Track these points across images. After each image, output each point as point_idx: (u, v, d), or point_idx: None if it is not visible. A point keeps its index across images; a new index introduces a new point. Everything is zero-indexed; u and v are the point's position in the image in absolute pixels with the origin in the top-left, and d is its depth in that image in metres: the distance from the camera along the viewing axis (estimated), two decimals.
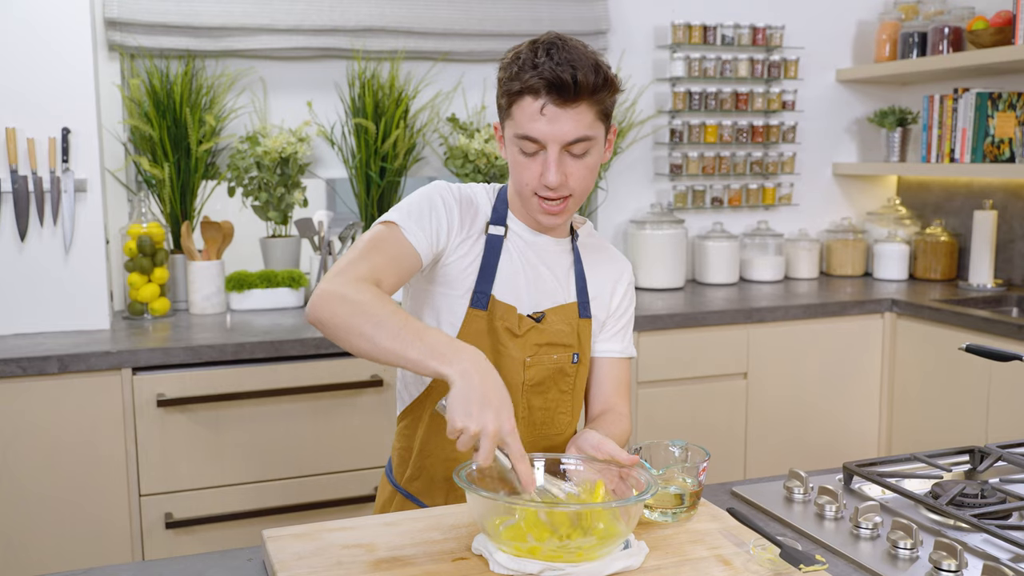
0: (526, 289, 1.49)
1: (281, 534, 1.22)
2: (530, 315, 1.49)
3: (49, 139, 2.51)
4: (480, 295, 1.46)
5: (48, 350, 2.32)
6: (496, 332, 1.46)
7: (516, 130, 1.39)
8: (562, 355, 1.51)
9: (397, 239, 1.40)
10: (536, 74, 1.34)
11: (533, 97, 1.36)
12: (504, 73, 1.40)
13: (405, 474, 1.56)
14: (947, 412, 2.88)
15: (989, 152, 3.23)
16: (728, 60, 3.45)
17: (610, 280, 1.59)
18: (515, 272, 1.49)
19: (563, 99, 1.35)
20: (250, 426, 2.45)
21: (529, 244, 1.51)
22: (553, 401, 1.53)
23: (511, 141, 1.42)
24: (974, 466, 1.52)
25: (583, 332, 1.54)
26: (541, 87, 1.34)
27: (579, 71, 1.34)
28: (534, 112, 1.36)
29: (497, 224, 1.50)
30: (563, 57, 1.34)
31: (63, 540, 2.34)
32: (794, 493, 1.40)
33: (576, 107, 1.36)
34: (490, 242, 1.48)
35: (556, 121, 1.36)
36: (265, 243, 3.01)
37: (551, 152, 1.38)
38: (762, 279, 3.50)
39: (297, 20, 2.94)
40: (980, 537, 1.25)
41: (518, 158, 1.42)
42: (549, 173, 1.38)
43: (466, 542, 1.20)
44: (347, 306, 1.27)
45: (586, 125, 1.38)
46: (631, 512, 1.12)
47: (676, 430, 2.88)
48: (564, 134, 1.37)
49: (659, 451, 1.37)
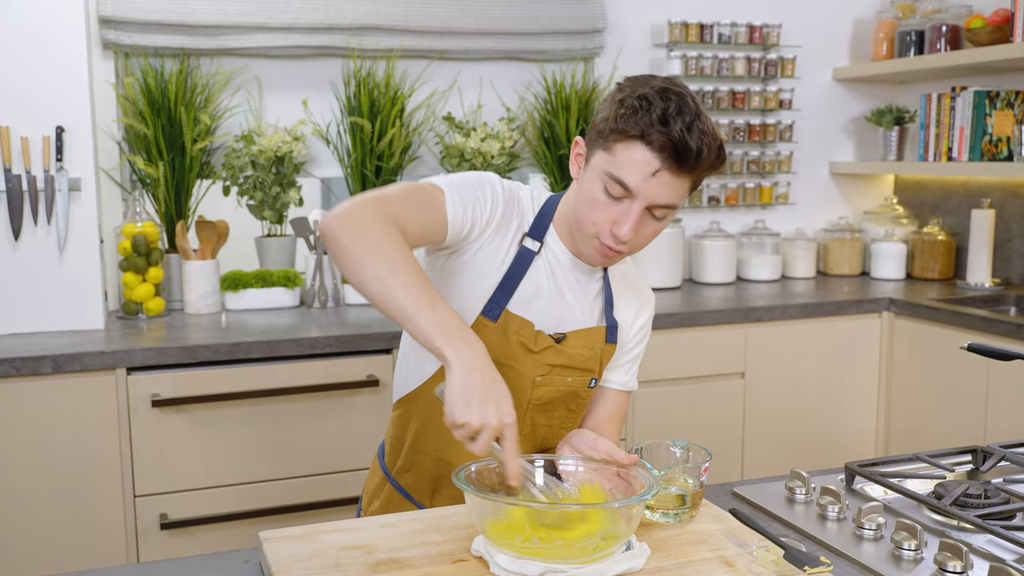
0: (549, 308, 1.44)
1: (278, 536, 1.20)
2: (551, 334, 1.43)
3: (43, 138, 2.49)
4: (494, 305, 1.40)
5: (42, 350, 2.30)
6: (509, 346, 1.40)
7: (612, 170, 1.31)
8: (578, 379, 1.46)
9: (436, 201, 1.34)
10: (665, 132, 1.27)
11: (649, 150, 1.28)
12: (623, 109, 1.30)
13: (396, 464, 1.54)
14: (945, 411, 2.88)
15: (987, 151, 3.23)
16: (725, 59, 3.44)
17: (632, 310, 1.54)
18: (538, 290, 1.43)
19: (679, 169, 1.29)
20: (246, 426, 2.43)
21: (562, 265, 1.45)
22: (559, 419, 1.50)
23: (597, 174, 1.33)
24: (977, 466, 1.51)
25: (605, 358, 1.49)
26: (663, 148, 1.27)
27: (705, 148, 1.29)
28: (644, 166, 1.29)
29: (534, 238, 1.43)
30: (696, 127, 1.28)
31: (57, 541, 2.32)
32: (796, 494, 1.39)
33: (684, 179, 1.31)
34: (521, 255, 1.42)
35: (661, 185, 1.30)
36: (260, 242, 2.99)
37: (636, 207, 1.32)
38: (759, 278, 3.49)
39: (292, 18, 2.92)
40: (984, 538, 1.24)
41: (597, 195, 1.34)
42: (625, 227, 1.32)
43: (466, 544, 1.18)
44: (371, 239, 1.21)
45: (681, 195, 1.34)
46: (632, 513, 1.11)
47: (673, 430, 2.87)
48: (660, 198, 1.31)
49: (660, 451, 1.35)
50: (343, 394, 2.50)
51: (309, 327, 2.60)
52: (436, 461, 1.49)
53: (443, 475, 1.50)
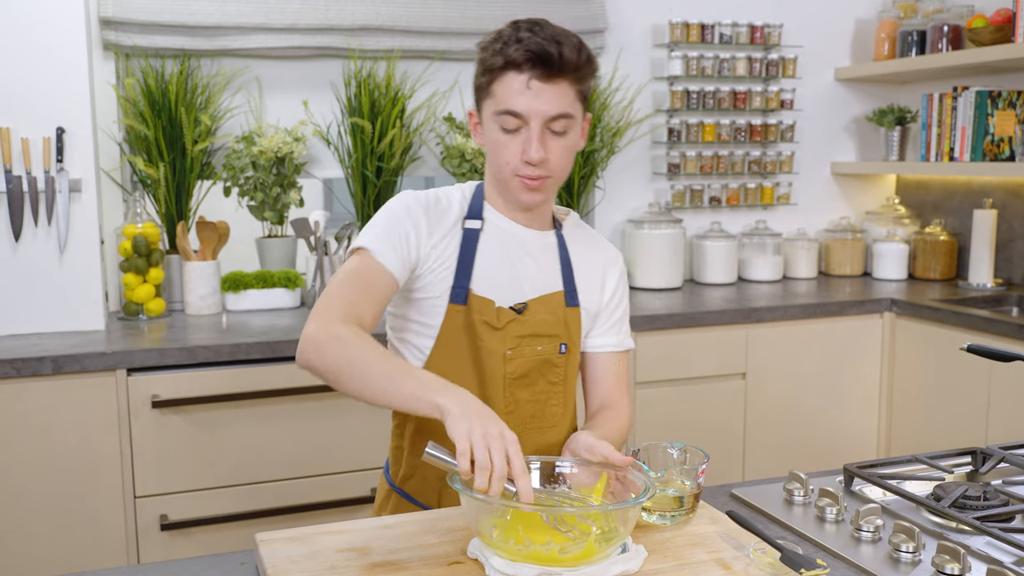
0: (507, 280, 1.48)
1: (274, 537, 1.20)
2: (511, 307, 1.47)
3: (44, 139, 2.49)
4: (459, 290, 1.45)
5: (43, 351, 2.31)
6: (474, 326, 1.45)
7: (497, 107, 1.39)
8: (547, 346, 1.49)
9: (370, 266, 1.40)
10: (522, 47, 1.35)
11: (517, 71, 1.36)
12: (485, 52, 1.40)
13: (400, 473, 1.55)
14: (946, 412, 2.87)
15: (989, 151, 3.22)
16: (726, 59, 3.44)
17: (598, 270, 1.57)
18: (495, 264, 1.47)
19: (548, 73, 1.36)
20: (246, 427, 2.43)
21: (511, 236, 1.50)
22: (542, 393, 1.51)
23: (491, 120, 1.42)
24: (976, 468, 1.51)
25: (571, 321, 1.51)
26: (526, 60, 1.35)
27: (564, 47, 1.36)
28: (519, 86, 1.37)
29: (473, 218, 1.49)
30: (548, 33, 1.37)
31: (58, 542, 2.32)
32: (794, 495, 1.39)
33: (559, 83, 1.37)
34: (467, 236, 1.47)
35: (540, 95, 1.37)
36: (261, 243, 2.99)
37: (534, 128, 1.38)
38: (760, 279, 3.48)
39: (293, 19, 2.92)
40: (983, 540, 1.24)
41: (498, 137, 1.41)
42: (531, 148, 1.38)
43: (462, 546, 1.18)
44: (334, 350, 1.30)
45: (568, 102, 1.39)
46: (628, 515, 1.11)
47: (674, 431, 2.86)
48: (547, 109, 1.37)
49: (657, 453, 1.35)
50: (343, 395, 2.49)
51: None
52: None
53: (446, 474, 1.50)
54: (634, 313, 2.82)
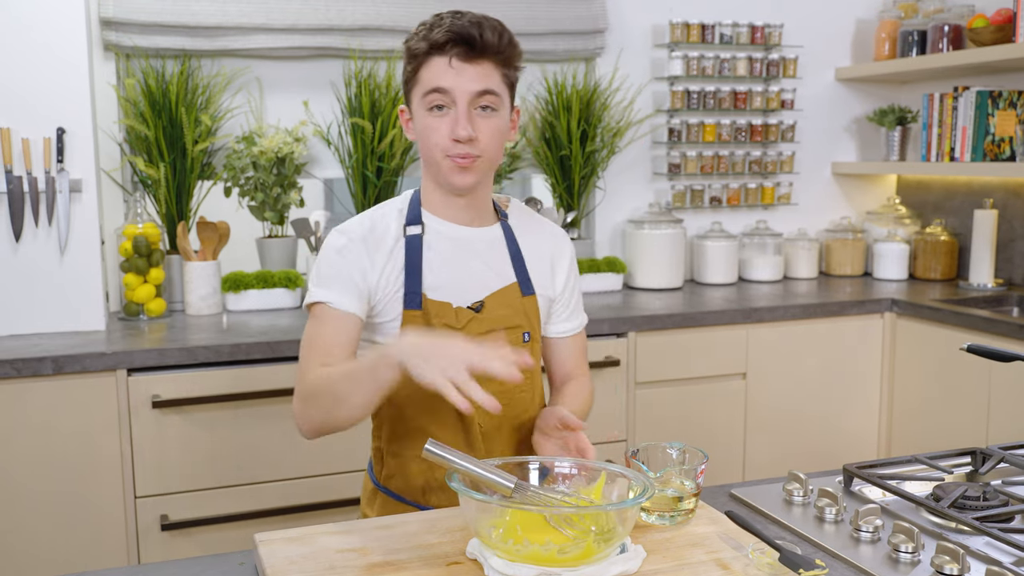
0: (459, 281, 1.51)
1: (273, 538, 1.20)
2: (469, 306, 1.50)
3: (44, 139, 2.50)
4: (412, 295, 1.48)
5: (43, 351, 2.31)
6: (435, 330, 1.47)
7: (424, 88, 1.43)
8: (509, 336, 1.52)
9: (330, 316, 1.46)
10: (443, 30, 1.41)
11: (440, 53, 1.42)
12: (411, 42, 1.46)
13: (383, 472, 1.58)
14: (947, 412, 2.87)
15: (989, 151, 3.22)
16: (726, 59, 3.44)
17: (548, 257, 1.60)
18: (443, 267, 1.51)
19: (470, 53, 1.42)
20: (246, 428, 2.43)
21: (454, 241, 1.53)
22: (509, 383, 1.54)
23: (420, 106, 1.45)
24: (976, 468, 1.51)
25: (529, 309, 1.55)
26: (448, 40, 1.41)
27: (485, 29, 1.42)
28: (443, 66, 1.42)
29: (413, 224, 1.52)
30: (468, 18, 1.43)
31: (58, 542, 2.32)
32: (793, 495, 1.39)
33: (482, 63, 1.43)
34: (409, 243, 1.50)
35: (463, 73, 1.42)
36: (261, 243, 2.99)
37: (460, 106, 1.42)
38: (761, 279, 3.48)
39: (293, 19, 2.92)
40: (982, 540, 1.23)
41: (428, 121, 1.45)
42: (459, 125, 1.42)
43: (461, 546, 1.18)
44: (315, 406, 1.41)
45: (492, 82, 1.44)
46: (627, 515, 1.11)
47: (674, 431, 2.86)
48: (471, 86, 1.42)
49: (657, 453, 1.35)
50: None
51: None
52: (418, 460, 1.52)
53: (428, 471, 1.53)
54: (634, 313, 2.82)
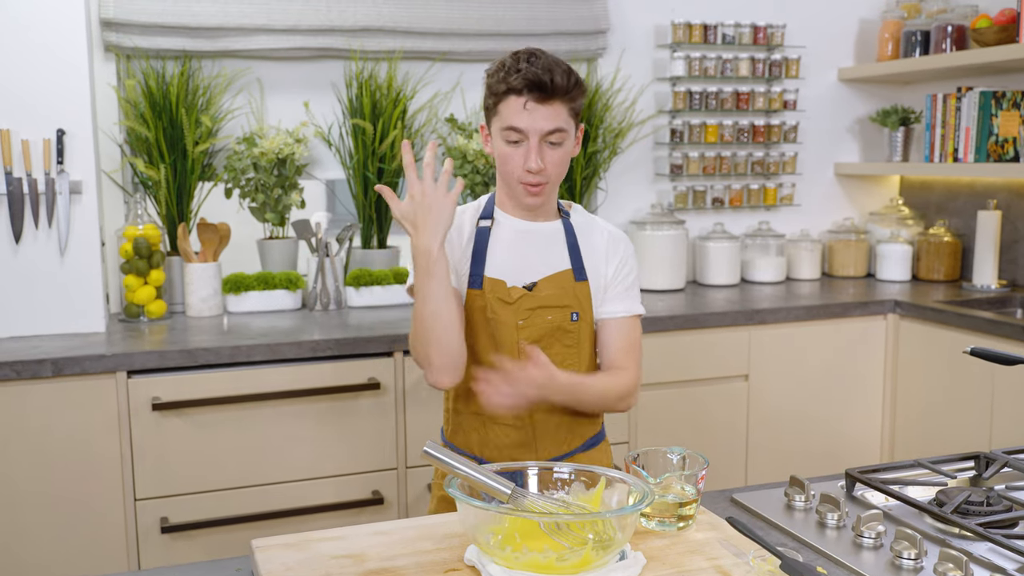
0: (517, 265, 1.75)
1: (269, 544, 1.19)
2: (524, 286, 1.74)
3: (44, 141, 2.49)
4: (475, 277, 1.74)
5: (43, 353, 2.30)
6: (488, 302, 1.73)
7: (503, 124, 1.68)
8: (557, 315, 1.74)
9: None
10: (520, 76, 1.65)
11: (517, 95, 1.66)
12: (492, 79, 1.70)
13: (448, 429, 1.83)
14: (950, 414, 2.86)
15: (993, 151, 3.20)
16: (729, 59, 3.42)
17: (601, 250, 1.81)
18: (505, 253, 1.76)
19: (542, 96, 1.65)
20: (247, 429, 2.42)
21: (520, 233, 1.78)
22: (558, 356, 1.73)
23: (498, 135, 1.71)
24: (979, 472, 1.49)
25: (581, 293, 1.76)
26: (524, 86, 1.64)
27: (555, 75, 1.65)
28: (518, 107, 1.66)
29: (485, 218, 1.79)
30: (541, 64, 1.65)
31: (58, 545, 2.31)
32: (795, 501, 1.37)
33: (552, 104, 1.66)
34: (479, 234, 1.77)
35: (536, 114, 1.66)
36: (262, 245, 2.99)
37: (532, 141, 1.67)
38: (763, 280, 3.47)
39: (294, 20, 2.91)
40: (986, 546, 1.22)
41: (504, 150, 1.70)
42: (531, 158, 1.67)
43: (459, 552, 1.17)
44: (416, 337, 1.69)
45: (561, 119, 1.68)
46: (627, 522, 1.10)
47: (676, 433, 2.85)
48: (543, 126, 1.66)
49: (657, 458, 1.34)
50: (344, 397, 2.49)
51: (311, 330, 2.59)
52: (473, 417, 1.77)
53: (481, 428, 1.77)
54: None
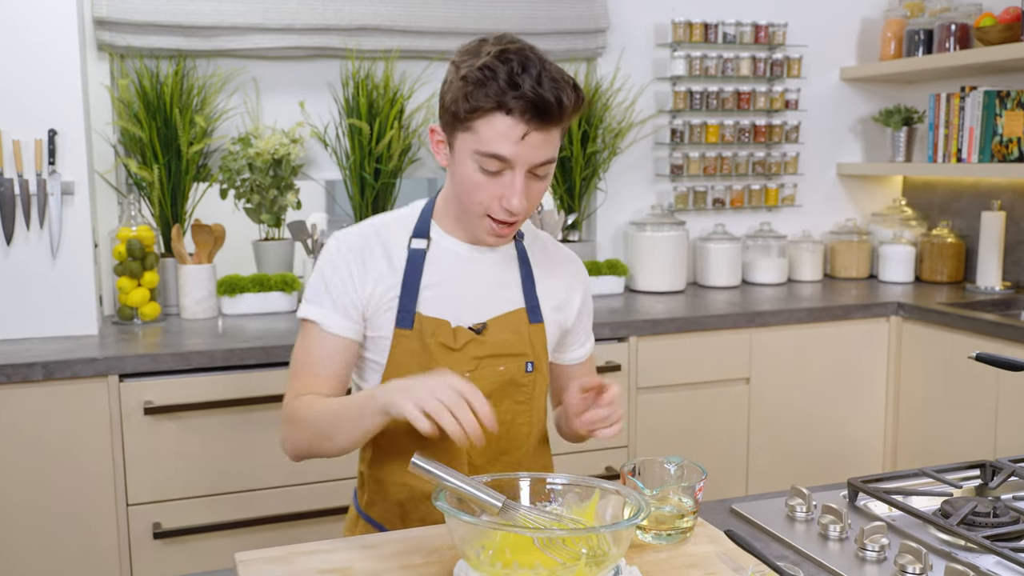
0: (461, 300, 1.41)
1: (253, 558, 1.16)
2: (470, 327, 1.40)
3: (36, 141, 2.46)
4: (404, 313, 1.38)
5: (33, 356, 2.27)
6: (429, 349, 1.38)
7: (480, 147, 1.28)
8: (511, 365, 1.42)
9: (320, 337, 1.40)
10: (519, 95, 1.24)
11: (508, 116, 1.26)
12: (467, 85, 1.27)
13: (364, 498, 1.52)
14: (954, 418, 2.82)
15: (997, 151, 3.17)
16: (730, 59, 3.39)
17: (563, 287, 1.52)
18: (444, 285, 1.41)
19: (542, 124, 1.26)
20: (241, 434, 2.39)
21: (461, 258, 1.43)
22: (507, 413, 1.44)
23: (467, 156, 1.30)
24: (985, 482, 1.46)
25: (535, 338, 1.45)
26: (524, 111, 1.25)
27: (563, 94, 1.26)
28: (510, 134, 1.26)
29: (418, 238, 1.42)
30: (545, 77, 1.25)
31: (48, 552, 2.28)
32: (796, 511, 1.34)
33: (551, 131, 1.29)
34: (411, 258, 1.40)
35: (533, 145, 1.28)
36: (258, 246, 2.95)
37: (519, 176, 1.29)
38: (765, 282, 3.43)
39: (289, 19, 2.88)
40: (992, 560, 1.19)
41: (474, 177, 1.31)
42: (515, 198, 1.30)
43: (448, 567, 1.14)
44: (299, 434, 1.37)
45: (555, 146, 1.32)
46: (622, 536, 1.06)
47: (676, 436, 2.82)
48: (536, 157, 1.29)
49: (654, 468, 1.30)
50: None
51: None
52: (399, 487, 1.45)
53: (407, 500, 1.46)
54: (636, 317, 2.78)
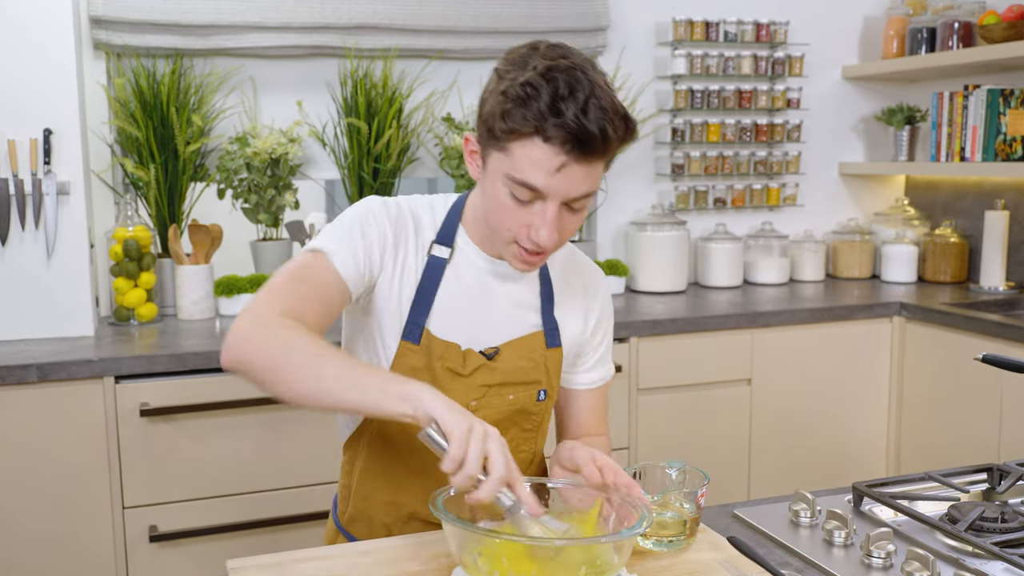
0: (475, 320, 1.30)
1: (245, 565, 1.13)
2: (481, 351, 1.30)
3: (31, 140, 2.44)
4: (413, 327, 1.27)
5: (28, 358, 2.25)
6: (434, 372, 1.27)
7: (513, 172, 1.16)
8: (522, 394, 1.32)
9: (323, 268, 1.23)
10: (560, 123, 1.11)
11: (549, 146, 1.13)
12: (506, 101, 1.14)
13: (347, 513, 1.41)
14: (958, 419, 2.80)
15: (1001, 150, 3.14)
16: (731, 57, 3.36)
17: (580, 310, 1.40)
18: (460, 301, 1.29)
19: (586, 155, 1.14)
20: (237, 436, 2.37)
21: (483, 273, 1.32)
22: (511, 441, 1.34)
23: (498, 177, 1.18)
24: (992, 486, 1.43)
25: (551, 363, 1.34)
26: (564, 141, 1.12)
27: (610, 125, 1.13)
28: (546, 164, 1.14)
29: (442, 244, 1.30)
30: (592, 105, 1.12)
31: (44, 555, 2.26)
32: (800, 517, 1.32)
33: (593, 163, 1.16)
34: (430, 265, 1.28)
35: (570, 178, 1.15)
36: (255, 246, 2.93)
37: (550, 207, 1.17)
38: (766, 282, 3.41)
39: (287, 18, 2.86)
40: (1001, 566, 1.16)
41: (505, 200, 1.19)
42: (543, 231, 1.17)
43: (445, 574, 1.11)
44: (275, 346, 1.12)
45: (596, 179, 1.18)
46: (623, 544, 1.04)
47: (677, 437, 2.80)
48: (573, 191, 1.17)
49: (655, 474, 1.28)
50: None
51: None
52: (386, 506, 1.36)
53: (395, 521, 1.37)
54: (636, 317, 2.75)
